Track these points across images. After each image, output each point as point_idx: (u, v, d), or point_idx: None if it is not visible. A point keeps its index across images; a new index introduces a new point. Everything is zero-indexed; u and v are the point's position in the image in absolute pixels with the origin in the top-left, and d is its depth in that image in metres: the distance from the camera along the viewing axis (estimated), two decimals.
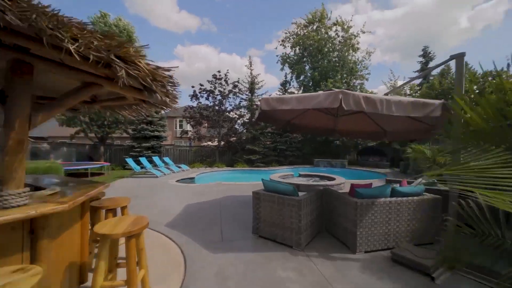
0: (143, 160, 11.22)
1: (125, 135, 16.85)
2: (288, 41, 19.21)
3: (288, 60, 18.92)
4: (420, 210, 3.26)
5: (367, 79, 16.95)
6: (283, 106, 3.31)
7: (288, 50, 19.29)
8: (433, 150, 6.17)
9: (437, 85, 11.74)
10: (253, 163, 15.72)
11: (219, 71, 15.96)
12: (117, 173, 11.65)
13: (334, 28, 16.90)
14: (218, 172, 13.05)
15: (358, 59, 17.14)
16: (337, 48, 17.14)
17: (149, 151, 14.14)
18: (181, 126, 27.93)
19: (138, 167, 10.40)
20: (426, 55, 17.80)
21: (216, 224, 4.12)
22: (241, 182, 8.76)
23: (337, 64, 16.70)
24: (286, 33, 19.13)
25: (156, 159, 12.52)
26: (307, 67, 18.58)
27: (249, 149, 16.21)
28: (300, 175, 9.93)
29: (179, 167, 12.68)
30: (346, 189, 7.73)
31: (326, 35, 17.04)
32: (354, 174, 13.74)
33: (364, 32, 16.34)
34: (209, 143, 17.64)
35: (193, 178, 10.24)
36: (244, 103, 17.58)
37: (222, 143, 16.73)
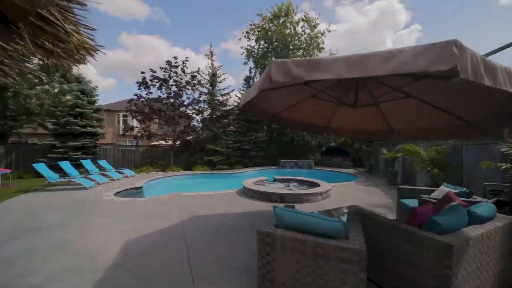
0: (64, 165, 8.13)
1: (42, 130, 12.71)
2: (252, 33, 17.88)
3: (253, 53, 17.57)
4: (506, 241, 2.23)
5: None
6: (316, 75, 1.81)
7: (252, 43, 17.98)
8: (433, 151, 5.65)
9: None
10: (215, 165, 13.82)
11: (175, 57, 13.48)
12: (25, 183, 8.19)
13: (301, 24, 16.38)
14: (173, 177, 10.73)
15: None
16: (303, 46, 16.68)
17: (79, 152, 10.77)
18: (125, 121, 23.62)
19: (56, 176, 7.38)
20: None
21: (183, 285, 2.33)
22: (207, 192, 6.91)
23: None
24: (251, 24, 17.78)
25: (86, 163, 9.43)
26: None
27: (210, 149, 14.22)
28: (275, 180, 8.67)
29: (121, 173, 9.87)
30: (334, 196, 6.76)
31: (293, 31, 16.37)
32: (322, 175, 13.30)
33: (329, 31, 16.37)
34: (162, 142, 14.87)
35: (141, 188, 7.83)
36: (204, 97, 15.45)
37: (178, 142, 14.26)
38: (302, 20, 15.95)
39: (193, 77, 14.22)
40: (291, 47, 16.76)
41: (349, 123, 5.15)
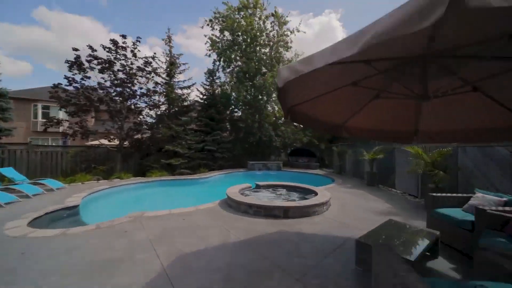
0: None
1: None
2: (217, 22, 16.18)
3: (218, 44, 15.89)
4: None
5: None
6: None
7: (216, 33, 16.30)
8: (436, 153, 5.44)
9: None
10: (175, 170, 11.70)
11: (123, 36, 10.76)
12: None
13: (270, 19, 15.61)
14: (123, 187, 8.29)
15: (288, 60, 16.67)
16: (270, 43, 15.98)
17: None
18: (45, 114, 18.31)
19: None
20: None
21: None
22: (182, 209, 5.20)
23: (273, 60, 15.50)
24: (215, 12, 16.04)
25: None
26: (238, 57, 16.26)
27: (169, 150, 11.98)
28: (259, 187, 7.46)
29: (40, 185, 6.97)
30: (335, 204, 5.96)
31: (262, 26, 15.46)
32: (296, 177, 12.80)
33: (299, 31, 16.11)
34: (103, 141, 11.77)
35: (76, 207, 5.46)
36: (160, 88, 13.01)
37: (127, 142, 11.49)
38: (272, 15, 15.20)
39: (147, 63, 11.71)
40: (259, 42, 15.85)
41: (368, 122, 4.41)
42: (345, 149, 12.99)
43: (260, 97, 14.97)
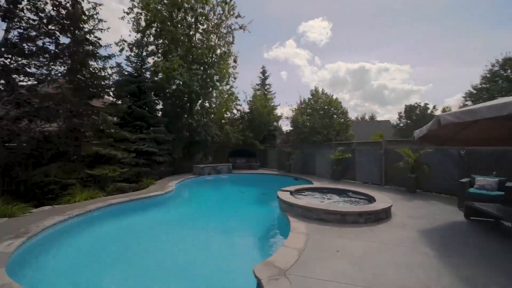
0: None
1: None
2: None
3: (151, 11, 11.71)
4: None
5: (235, 78, 15.98)
6: None
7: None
8: (420, 154, 7.25)
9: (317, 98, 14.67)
10: (106, 185, 7.51)
11: None
12: None
13: (219, 9, 13.52)
14: (53, 230, 4.11)
15: (235, 56, 15.35)
16: (215, 30, 14.07)
17: None
18: None
19: None
20: (264, 73, 21.79)
21: None
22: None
23: (217, 50, 13.75)
24: None
25: None
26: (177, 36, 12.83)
27: (98, 156, 7.49)
28: (291, 193, 6.39)
29: None
30: (399, 217, 5.28)
31: (213, 8, 13.18)
32: (259, 179, 12.28)
33: (244, 30, 15.07)
34: None
35: None
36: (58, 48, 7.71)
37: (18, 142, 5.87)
38: (225, 3, 13.33)
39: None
40: (204, 26, 13.53)
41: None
42: (293, 149, 14.06)
43: (209, 89, 12.86)
